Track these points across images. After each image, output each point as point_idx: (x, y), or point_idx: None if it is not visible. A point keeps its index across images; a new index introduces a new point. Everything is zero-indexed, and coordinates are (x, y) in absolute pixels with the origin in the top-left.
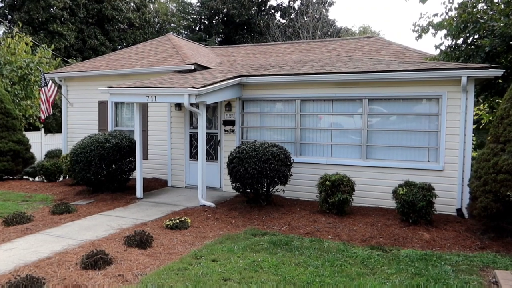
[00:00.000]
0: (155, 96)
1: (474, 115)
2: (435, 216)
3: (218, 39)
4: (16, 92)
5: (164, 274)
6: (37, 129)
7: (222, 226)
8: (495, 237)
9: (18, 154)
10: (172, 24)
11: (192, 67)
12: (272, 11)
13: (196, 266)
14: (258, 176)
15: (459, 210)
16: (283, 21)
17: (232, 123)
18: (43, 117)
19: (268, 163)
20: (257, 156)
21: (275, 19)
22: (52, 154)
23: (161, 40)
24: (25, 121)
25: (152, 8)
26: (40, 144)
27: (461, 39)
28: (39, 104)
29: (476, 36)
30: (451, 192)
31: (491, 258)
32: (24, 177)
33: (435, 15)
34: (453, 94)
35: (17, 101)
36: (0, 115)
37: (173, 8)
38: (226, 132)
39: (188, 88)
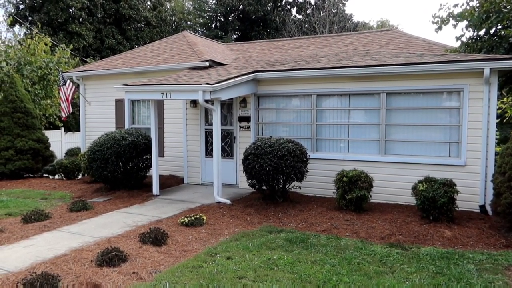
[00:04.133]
0: (170, 93)
1: (497, 109)
2: (456, 212)
3: (234, 36)
4: (36, 92)
5: (178, 271)
6: (57, 128)
7: (237, 223)
8: None
9: (38, 152)
10: (188, 22)
11: (207, 63)
12: (288, 6)
13: (210, 263)
14: (273, 172)
15: (482, 207)
16: (299, 16)
17: (247, 119)
18: (63, 116)
19: (284, 159)
20: (272, 152)
21: (291, 14)
22: (72, 152)
23: (176, 38)
24: (45, 120)
25: (168, 7)
26: (60, 142)
27: (483, 30)
28: (59, 103)
29: (499, 27)
30: (474, 188)
31: None
32: (44, 175)
33: (456, 5)
34: (475, 87)
35: (37, 100)
36: (20, 115)
37: (189, 6)
38: (241, 129)
39: (203, 85)
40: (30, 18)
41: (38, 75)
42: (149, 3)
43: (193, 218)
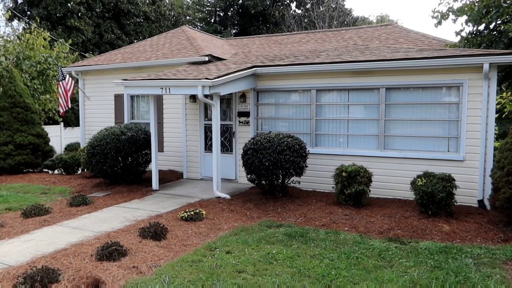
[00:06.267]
0: (169, 88)
1: (496, 104)
2: (455, 207)
3: (234, 31)
4: (36, 87)
5: (178, 265)
6: (56, 123)
7: (237, 218)
8: None
9: (37, 147)
10: (187, 17)
11: (206, 58)
12: (288, 1)
13: (210, 258)
14: (273, 167)
15: (480, 202)
16: (299, 11)
17: (246, 114)
18: (61, 111)
19: (283, 154)
20: (272, 147)
21: (291, 9)
22: (71, 147)
23: (175, 32)
24: (44, 115)
25: (167, 1)
26: (59, 137)
27: (483, 25)
28: (58, 98)
29: (499, 21)
30: (473, 183)
31: None
32: (44, 170)
33: (456, 0)
34: (474, 82)
35: (36, 95)
36: (20, 109)
37: (189, 0)
38: (241, 124)
39: (202, 80)
40: (28, 12)
41: (37, 70)
42: None
43: (192, 212)
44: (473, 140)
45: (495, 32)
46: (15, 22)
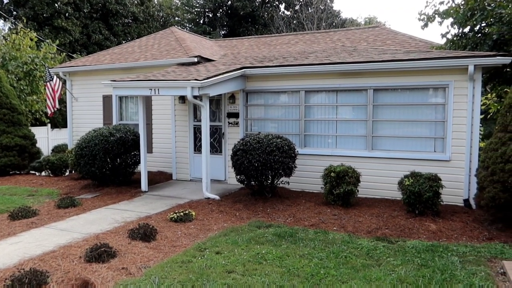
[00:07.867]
0: (158, 89)
1: (481, 105)
2: (442, 206)
3: (222, 32)
4: (22, 88)
5: (167, 266)
6: (43, 124)
7: (226, 219)
8: (503, 227)
9: (24, 149)
10: (176, 18)
11: (196, 59)
12: (277, 2)
13: (199, 258)
14: (262, 168)
15: (466, 201)
16: (288, 12)
17: (236, 115)
18: (49, 112)
19: (272, 155)
20: (261, 148)
21: (280, 10)
22: (59, 149)
23: (164, 33)
24: (31, 117)
25: (156, 2)
26: (46, 139)
27: (468, 27)
28: (45, 100)
29: (484, 24)
30: (458, 183)
31: (499, 248)
32: (31, 171)
33: (441, 3)
34: (460, 83)
35: (23, 96)
36: (6, 111)
37: (177, 1)
38: (230, 125)
39: (191, 81)
40: (14, 12)
41: (24, 70)
42: None
43: (182, 213)
44: (459, 141)
45: (479, 35)
46: (0, 22)
